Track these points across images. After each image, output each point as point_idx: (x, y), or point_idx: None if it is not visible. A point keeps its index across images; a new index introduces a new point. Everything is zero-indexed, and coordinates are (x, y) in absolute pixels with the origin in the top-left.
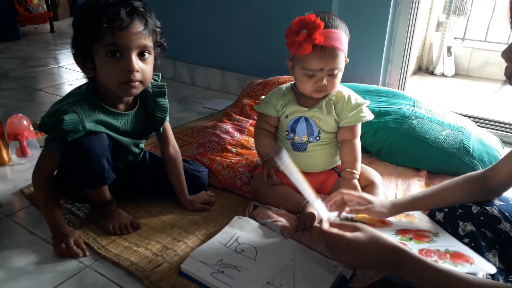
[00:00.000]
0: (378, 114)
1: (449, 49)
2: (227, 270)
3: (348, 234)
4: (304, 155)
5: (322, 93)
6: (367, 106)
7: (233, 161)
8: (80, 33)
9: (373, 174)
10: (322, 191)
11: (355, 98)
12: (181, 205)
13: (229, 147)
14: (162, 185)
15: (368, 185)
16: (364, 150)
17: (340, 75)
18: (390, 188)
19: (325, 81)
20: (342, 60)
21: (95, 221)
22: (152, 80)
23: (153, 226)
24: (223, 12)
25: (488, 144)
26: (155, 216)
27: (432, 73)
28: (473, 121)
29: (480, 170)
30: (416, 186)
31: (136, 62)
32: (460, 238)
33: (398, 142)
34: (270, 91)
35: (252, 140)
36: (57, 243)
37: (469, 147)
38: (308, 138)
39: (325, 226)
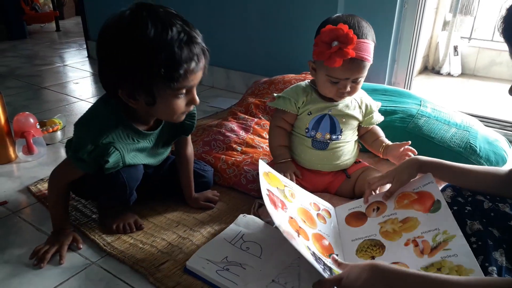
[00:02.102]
0: (384, 113)
1: (455, 48)
2: (232, 268)
3: (341, 274)
4: (323, 153)
5: (344, 97)
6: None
7: (238, 159)
8: (142, 70)
9: (378, 173)
10: (328, 191)
11: (372, 101)
12: (185, 202)
13: (234, 146)
14: (171, 184)
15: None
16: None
17: (363, 80)
18: None
19: (348, 88)
20: (367, 68)
21: (100, 218)
22: None
23: (158, 223)
24: (228, 11)
25: (495, 144)
26: (160, 213)
27: (438, 73)
28: (480, 120)
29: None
30: None
31: (196, 95)
32: (467, 236)
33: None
34: (275, 90)
35: (257, 138)
36: (49, 242)
37: (476, 146)
38: (331, 136)
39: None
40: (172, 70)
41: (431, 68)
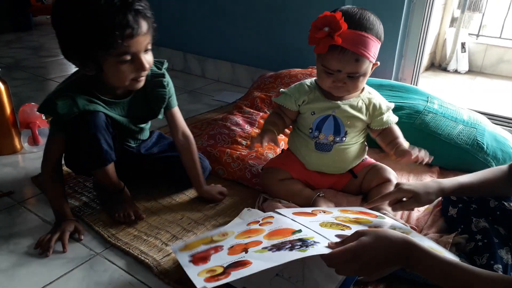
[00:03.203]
0: None
1: (463, 45)
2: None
3: (351, 244)
4: (328, 156)
5: (341, 92)
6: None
7: (243, 153)
8: (79, 39)
9: (388, 171)
10: (334, 188)
11: (383, 100)
12: (190, 195)
13: (239, 140)
14: (169, 167)
15: (384, 183)
16: (376, 146)
17: (363, 79)
18: None
19: (343, 83)
20: (366, 65)
21: (105, 207)
22: (154, 68)
23: (162, 216)
24: (234, 4)
25: (502, 141)
26: (165, 206)
27: (445, 70)
28: (488, 118)
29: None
30: None
31: (145, 60)
32: (473, 234)
33: (410, 138)
34: (281, 84)
35: None
36: (51, 231)
37: (483, 143)
38: (334, 138)
39: (326, 251)
40: (104, 37)
41: (438, 65)
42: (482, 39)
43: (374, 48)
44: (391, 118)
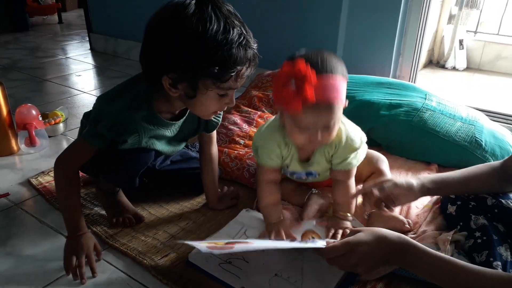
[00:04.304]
0: (389, 106)
1: (461, 42)
2: (235, 261)
3: (348, 238)
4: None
5: (316, 146)
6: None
7: (241, 152)
8: (195, 61)
9: (376, 159)
10: (329, 185)
11: (352, 139)
12: (189, 196)
13: (237, 139)
14: (186, 180)
15: (374, 173)
16: (374, 144)
17: (337, 126)
18: None
19: (319, 136)
20: (340, 111)
21: (102, 210)
22: None
23: (161, 216)
24: (231, 3)
25: (500, 138)
26: (162, 206)
27: (443, 67)
28: (486, 115)
29: (499, 161)
30: None
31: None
32: (472, 231)
33: (408, 136)
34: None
35: None
36: (70, 253)
37: (481, 140)
38: (308, 178)
39: (323, 246)
40: (226, 70)
41: (436, 62)
42: (480, 36)
43: (343, 88)
44: (351, 162)
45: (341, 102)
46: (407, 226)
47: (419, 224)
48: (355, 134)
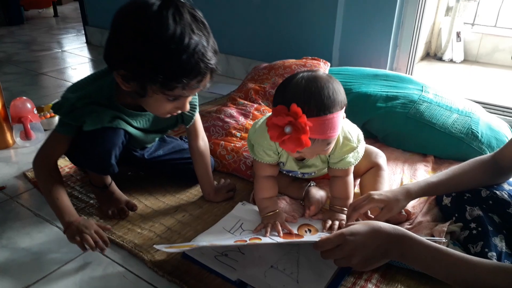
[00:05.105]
0: (385, 98)
1: (458, 34)
2: (231, 253)
3: (342, 230)
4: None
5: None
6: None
7: (237, 145)
8: (143, 64)
9: (375, 154)
10: (326, 178)
11: (349, 139)
12: (185, 188)
13: (233, 132)
14: (179, 171)
15: (372, 168)
16: (371, 136)
17: (334, 143)
18: (396, 173)
19: (315, 156)
20: (336, 137)
21: (97, 204)
22: None
23: (157, 208)
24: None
25: (497, 130)
26: (158, 199)
27: (440, 59)
28: (483, 107)
29: (489, 154)
30: (423, 172)
31: (188, 103)
32: (467, 222)
33: (405, 128)
34: (275, 76)
35: None
36: (73, 236)
37: (478, 132)
38: (304, 175)
39: (318, 239)
40: (171, 80)
41: (433, 55)
42: (477, 28)
43: (341, 119)
44: (349, 161)
45: (339, 132)
46: (404, 214)
47: (415, 215)
48: (352, 133)
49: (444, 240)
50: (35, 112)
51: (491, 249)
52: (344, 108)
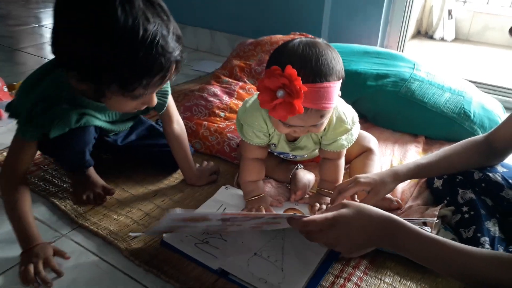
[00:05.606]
0: (376, 77)
1: (449, 12)
2: (212, 240)
3: (331, 212)
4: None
5: (303, 135)
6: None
7: (221, 126)
8: (95, 69)
9: (368, 139)
10: (314, 161)
11: (343, 120)
12: (165, 172)
13: (217, 111)
14: (156, 158)
15: (364, 152)
16: (360, 116)
17: (327, 120)
18: (386, 155)
19: (306, 132)
20: (330, 112)
21: (70, 189)
22: None
23: (135, 193)
24: None
25: (489, 109)
26: (137, 182)
27: (431, 37)
28: (475, 86)
29: (483, 134)
30: (413, 153)
31: (154, 98)
32: (459, 206)
33: (395, 107)
34: (261, 52)
35: (241, 103)
36: (25, 264)
37: (470, 112)
38: (295, 157)
39: (303, 219)
40: (129, 82)
41: (424, 33)
42: (469, 6)
43: (337, 91)
44: (342, 144)
45: (332, 106)
46: (395, 203)
47: (406, 200)
48: (347, 114)
49: (436, 221)
50: (5, 90)
51: (484, 234)
52: (341, 81)
